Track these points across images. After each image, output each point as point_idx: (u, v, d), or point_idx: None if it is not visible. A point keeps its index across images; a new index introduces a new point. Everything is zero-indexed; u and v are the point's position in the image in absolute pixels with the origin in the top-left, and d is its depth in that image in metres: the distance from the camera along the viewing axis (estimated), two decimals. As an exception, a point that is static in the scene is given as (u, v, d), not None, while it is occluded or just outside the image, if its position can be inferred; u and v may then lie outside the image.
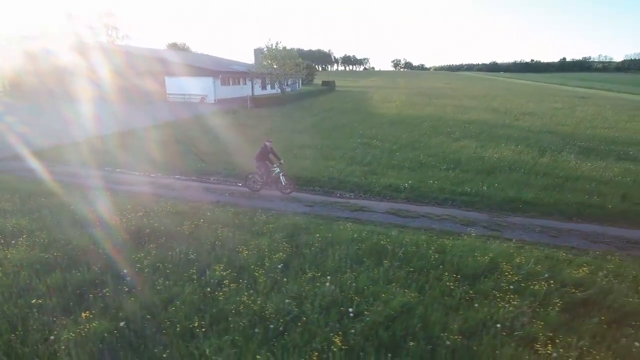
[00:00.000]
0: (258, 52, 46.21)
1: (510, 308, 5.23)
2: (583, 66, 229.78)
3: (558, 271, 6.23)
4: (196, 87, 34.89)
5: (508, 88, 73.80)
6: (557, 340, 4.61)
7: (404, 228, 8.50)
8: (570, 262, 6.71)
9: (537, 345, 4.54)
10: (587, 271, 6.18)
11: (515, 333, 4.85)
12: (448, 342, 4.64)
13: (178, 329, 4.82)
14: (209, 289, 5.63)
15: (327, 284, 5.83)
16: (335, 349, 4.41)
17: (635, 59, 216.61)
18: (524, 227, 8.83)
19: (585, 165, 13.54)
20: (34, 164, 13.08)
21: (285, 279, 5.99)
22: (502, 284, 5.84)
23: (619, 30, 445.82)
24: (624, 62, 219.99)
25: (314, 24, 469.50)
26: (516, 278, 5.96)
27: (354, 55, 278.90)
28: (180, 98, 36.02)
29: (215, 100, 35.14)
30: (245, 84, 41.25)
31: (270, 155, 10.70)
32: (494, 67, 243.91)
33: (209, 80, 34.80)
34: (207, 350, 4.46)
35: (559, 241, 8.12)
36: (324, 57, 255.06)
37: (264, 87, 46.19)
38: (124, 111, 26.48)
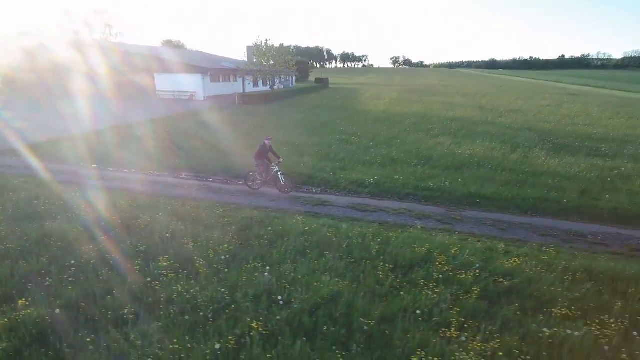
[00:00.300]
0: (250, 49, 46.35)
1: (433, 296, 5.46)
2: (582, 63, 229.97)
3: (491, 262, 6.45)
4: (185, 84, 35.02)
5: (502, 85, 73.90)
6: (466, 326, 4.84)
7: (358, 221, 8.72)
8: (508, 253, 6.94)
9: (447, 330, 4.76)
10: (518, 262, 6.41)
11: (433, 319, 5.09)
12: (365, 327, 4.87)
13: (109, 316, 5.04)
14: (149, 279, 5.85)
15: (266, 274, 6.07)
16: (253, 334, 4.63)
17: (634, 57, 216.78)
18: (476, 220, 9.05)
19: (554, 162, 13.76)
20: (15, 159, 13.29)
21: (226, 270, 6.21)
22: (433, 274, 6.07)
23: (619, 28, 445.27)
24: (622, 59, 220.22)
25: (314, 22, 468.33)
26: (447, 268, 6.19)
27: (352, 53, 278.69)
28: (170, 95, 36.13)
29: (204, 97, 35.25)
30: (236, 81, 41.32)
31: (269, 154, 10.69)
32: (492, 65, 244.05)
33: (197, 77, 34.91)
34: (133, 335, 4.68)
35: (506, 234, 8.35)
36: (322, 54, 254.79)
37: (255, 85, 46.27)
38: (107, 108, 26.57)
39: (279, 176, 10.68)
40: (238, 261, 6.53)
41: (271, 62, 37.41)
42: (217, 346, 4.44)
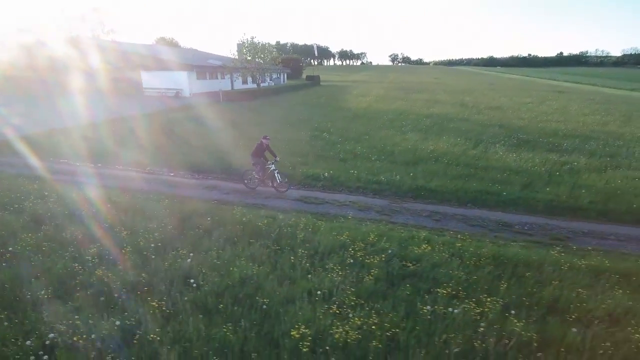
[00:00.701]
0: (240, 46, 46.62)
1: (338, 278, 5.84)
2: (580, 61, 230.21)
3: (405, 249, 6.83)
4: (171, 81, 35.29)
5: (494, 82, 74.24)
6: (360, 305, 5.22)
7: (301, 213, 9.09)
8: (428, 241, 7.29)
9: (339, 308, 5.14)
10: (429, 248, 6.78)
11: (332, 299, 5.47)
12: (264, 307, 5.24)
13: (29, 297, 5.41)
14: (76, 264, 6.22)
15: (188, 260, 6.44)
16: (153, 312, 5.01)
17: (631, 54, 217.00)
18: (414, 211, 9.44)
19: (510, 157, 14.12)
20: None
21: (153, 257, 6.58)
22: (347, 259, 6.45)
23: (617, 25, 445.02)
24: (622, 57, 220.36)
25: (314, 20, 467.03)
26: (360, 254, 6.56)
27: (350, 50, 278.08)
28: (156, 92, 36.41)
29: (190, 94, 35.54)
30: (224, 78, 41.58)
31: (266, 153, 10.70)
32: (491, 62, 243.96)
33: (183, 75, 35.18)
34: (46, 313, 5.05)
35: (438, 224, 8.73)
36: (322, 51, 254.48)
37: (245, 82, 46.53)
38: (86, 105, 26.82)
39: (276, 175, 10.66)
40: (168, 249, 6.90)
41: (257, 59, 37.65)
42: (118, 323, 4.81)
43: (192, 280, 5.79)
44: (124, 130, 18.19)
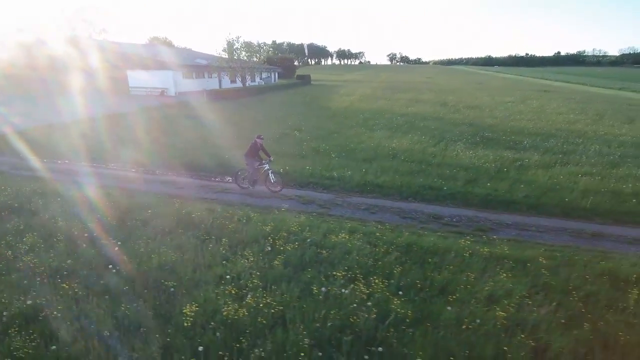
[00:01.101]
0: (230, 45, 47.01)
1: (248, 264, 6.25)
2: (577, 60, 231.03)
3: (325, 237, 7.24)
4: (156, 80, 35.66)
5: (484, 82, 74.69)
6: (264, 287, 5.65)
7: (245, 206, 9.50)
8: (353, 231, 7.69)
9: (237, 289, 5.56)
10: (346, 237, 7.20)
11: (240, 281, 5.88)
12: (172, 289, 5.66)
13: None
14: (10, 252, 6.63)
15: (116, 248, 6.84)
16: (64, 294, 5.42)
17: (630, 54, 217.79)
18: (354, 205, 9.85)
19: (467, 154, 14.54)
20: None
21: (84, 245, 6.98)
22: (266, 247, 6.86)
23: (614, 25, 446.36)
24: (619, 56, 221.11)
25: (313, 19, 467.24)
26: (280, 242, 6.97)
27: (348, 49, 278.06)
28: (143, 91, 36.77)
29: (175, 93, 35.92)
30: (211, 77, 41.95)
31: (260, 152, 10.65)
32: (489, 61, 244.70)
33: (168, 74, 35.56)
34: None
35: (373, 216, 9.14)
36: (318, 51, 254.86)
37: (233, 81, 46.91)
38: (69, 104, 27.16)
39: (270, 175, 10.63)
40: (103, 239, 7.29)
41: (242, 58, 38.04)
42: (29, 302, 5.22)
43: (111, 266, 6.20)
44: (90, 129, 18.59)
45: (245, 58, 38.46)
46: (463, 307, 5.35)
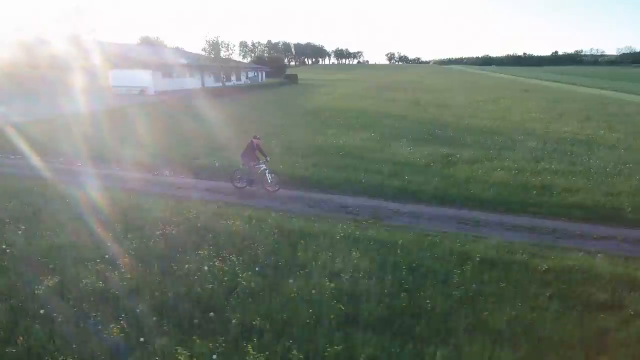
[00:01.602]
0: (215, 45, 47.65)
1: (131, 245, 6.93)
2: (575, 60, 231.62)
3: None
4: (136, 79, 36.32)
5: (473, 82, 75.09)
6: (132, 264, 6.32)
7: (162, 197, 10.13)
8: (252, 219, 8.33)
9: (105, 265, 6.22)
10: (238, 223, 7.87)
11: (116, 262, 6.54)
12: (51, 266, 6.32)
13: None
14: None
15: (19, 232, 7.51)
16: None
17: (628, 53, 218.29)
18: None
19: (405, 150, 15.17)
20: None
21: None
22: (155, 231, 7.53)
23: (612, 25, 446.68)
24: (617, 56, 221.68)
25: (313, 19, 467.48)
26: (171, 226, 7.64)
27: (346, 49, 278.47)
28: (124, 90, 37.42)
29: (155, 92, 36.58)
30: (192, 76, 42.61)
31: (257, 152, 10.75)
32: (487, 61, 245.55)
33: (147, 73, 36.22)
34: None
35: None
36: (317, 51, 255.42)
37: (217, 80, 47.54)
38: (48, 102, 27.83)
39: (266, 175, 10.75)
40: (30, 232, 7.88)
41: (220, 56, 38.68)
42: None
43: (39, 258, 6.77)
44: (62, 127, 19.23)
45: (223, 56, 39.05)
46: (307, 281, 6.02)
